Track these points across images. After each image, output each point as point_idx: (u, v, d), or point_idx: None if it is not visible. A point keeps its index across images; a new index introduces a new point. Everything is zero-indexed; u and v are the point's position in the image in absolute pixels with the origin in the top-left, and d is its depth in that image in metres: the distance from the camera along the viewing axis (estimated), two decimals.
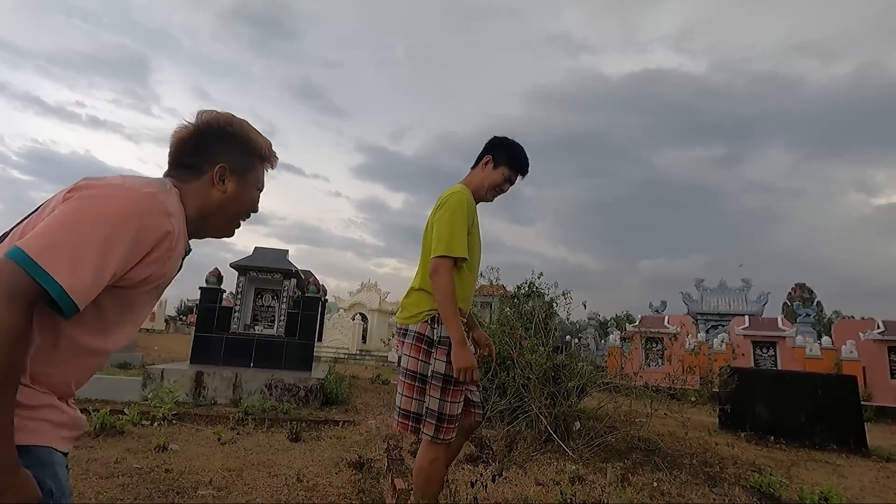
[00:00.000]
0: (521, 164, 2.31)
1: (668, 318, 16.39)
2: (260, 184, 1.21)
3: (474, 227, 2.24)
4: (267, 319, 8.82)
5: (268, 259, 8.90)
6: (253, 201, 1.20)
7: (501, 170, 2.27)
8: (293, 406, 6.37)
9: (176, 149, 1.12)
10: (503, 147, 2.30)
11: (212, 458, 3.95)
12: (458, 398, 2.09)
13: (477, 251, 2.28)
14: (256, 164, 1.19)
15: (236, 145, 1.15)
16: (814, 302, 41.25)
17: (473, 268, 2.28)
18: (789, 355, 14.04)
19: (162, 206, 0.96)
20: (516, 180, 2.33)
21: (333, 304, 24.62)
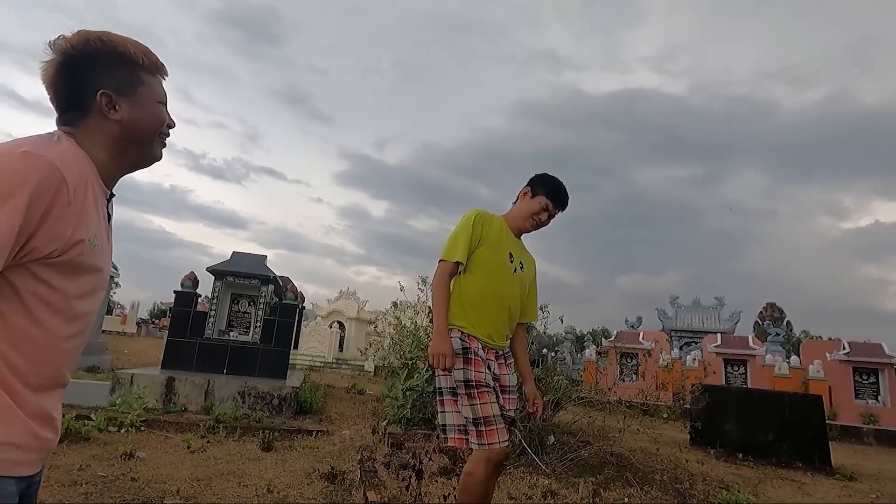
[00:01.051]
0: (559, 194, 2.43)
1: (643, 333, 16.61)
2: (158, 96, 1.09)
3: (495, 247, 2.33)
4: (242, 325, 8.70)
5: (245, 264, 8.80)
6: (159, 117, 1.08)
7: (539, 199, 2.40)
8: (266, 415, 6.28)
9: (50, 93, 1.02)
10: (542, 180, 2.45)
11: (180, 466, 3.86)
12: (486, 399, 2.13)
13: (500, 274, 2.31)
14: (143, 77, 1.06)
15: (109, 64, 1.02)
16: (783, 321, 42.30)
17: (495, 295, 2.30)
18: (759, 373, 14.34)
19: (40, 161, 0.85)
20: (554, 211, 2.43)
21: (311, 311, 24.35)
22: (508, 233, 2.42)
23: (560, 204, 2.43)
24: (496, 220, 2.42)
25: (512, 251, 2.38)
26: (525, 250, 2.52)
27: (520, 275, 2.37)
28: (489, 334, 2.26)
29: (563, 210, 2.46)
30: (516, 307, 2.36)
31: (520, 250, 2.46)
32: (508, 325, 2.35)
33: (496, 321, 2.28)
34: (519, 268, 2.38)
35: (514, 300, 2.34)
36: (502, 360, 2.34)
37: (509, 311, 2.32)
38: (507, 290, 2.32)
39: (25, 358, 0.90)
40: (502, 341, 2.34)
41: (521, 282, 2.38)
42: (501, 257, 2.32)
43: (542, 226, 2.43)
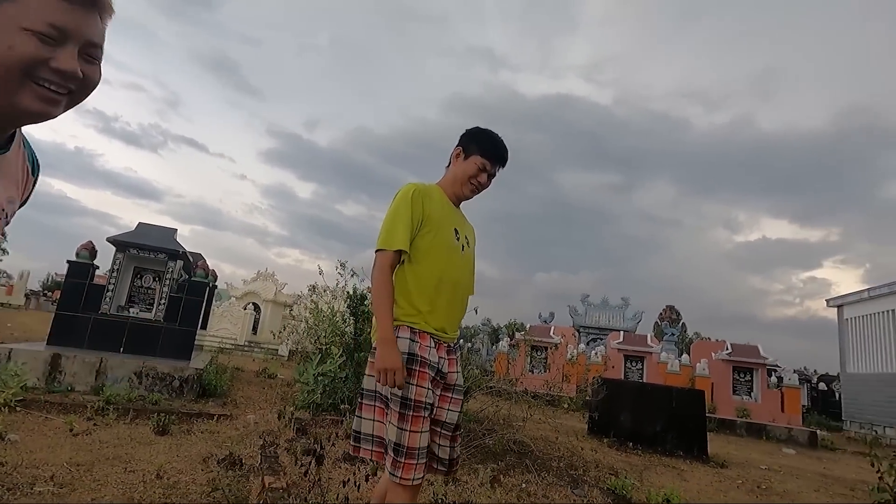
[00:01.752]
0: (496, 149, 2.06)
1: (553, 328, 17.42)
2: (25, 19, 0.73)
3: (439, 226, 1.98)
4: (145, 302, 8.15)
5: (153, 237, 8.22)
6: (16, 50, 0.73)
7: (473, 159, 2.03)
8: (165, 397, 5.94)
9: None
10: (474, 136, 2.08)
11: (58, 450, 3.57)
12: (418, 426, 1.77)
13: (451, 257, 1.98)
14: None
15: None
16: (679, 323, 46.00)
17: (449, 282, 1.96)
18: (654, 369, 15.52)
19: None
20: (493, 170, 2.07)
21: (225, 291, 23.24)
22: (449, 204, 2.07)
23: (499, 160, 2.07)
24: (435, 191, 2.05)
25: (456, 226, 2.04)
26: (466, 221, 2.16)
27: (468, 252, 2.06)
28: (443, 327, 1.95)
29: (504, 166, 2.10)
30: (469, 291, 2.07)
31: (462, 222, 2.11)
32: (462, 313, 2.05)
33: (450, 312, 1.97)
34: (466, 244, 2.05)
35: (468, 284, 2.06)
36: (453, 355, 2.01)
37: (464, 296, 2.04)
38: (460, 274, 2.00)
39: None
40: (454, 333, 2.03)
41: (469, 258, 2.08)
42: (448, 237, 1.98)
43: (482, 188, 2.08)
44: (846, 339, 15.96)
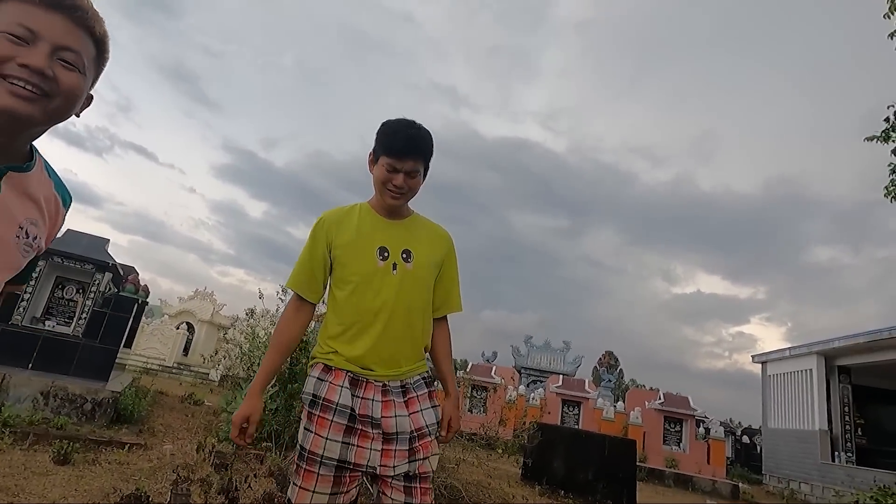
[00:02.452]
0: (394, 142, 1.70)
1: (495, 368, 17.44)
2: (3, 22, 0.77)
3: (354, 251, 1.72)
4: (64, 315, 7.60)
5: (81, 246, 7.74)
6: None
7: (381, 161, 1.72)
8: (73, 421, 5.47)
9: None
10: (378, 135, 1.75)
11: None
12: (309, 483, 1.54)
13: (371, 282, 1.68)
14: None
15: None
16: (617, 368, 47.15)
17: (367, 311, 1.67)
18: (590, 415, 15.73)
19: None
20: (403, 167, 1.69)
21: (158, 307, 22.01)
22: (376, 220, 1.78)
23: (403, 152, 1.69)
24: (351, 212, 1.80)
25: (385, 243, 1.73)
26: (415, 230, 1.82)
27: (404, 269, 1.71)
28: (367, 364, 1.63)
29: (417, 157, 1.71)
30: (410, 314, 1.70)
31: (402, 235, 1.77)
32: (403, 342, 1.68)
33: (377, 343, 1.65)
34: (402, 260, 1.72)
35: (402, 306, 1.68)
36: (395, 396, 1.64)
37: (399, 324, 1.68)
38: (385, 297, 1.67)
39: None
40: (394, 368, 1.66)
41: (413, 276, 1.71)
42: (365, 260, 1.70)
43: (405, 191, 1.72)
44: (768, 394, 16.80)
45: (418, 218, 1.88)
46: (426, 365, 1.77)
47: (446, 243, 1.88)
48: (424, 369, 1.75)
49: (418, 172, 1.73)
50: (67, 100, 0.84)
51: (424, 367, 1.75)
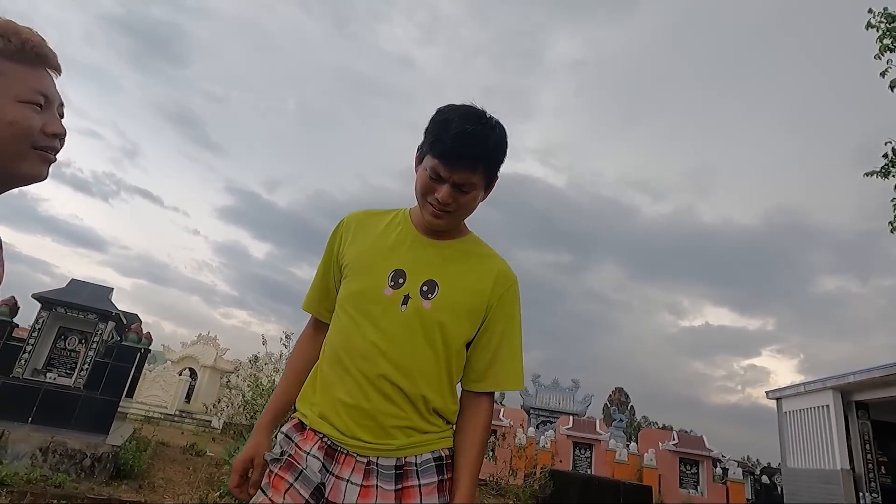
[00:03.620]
0: (445, 139, 1.17)
1: (503, 410, 17.08)
2: (22, 92, 0.77)
3: (360, 269, 1.28)
4: (66, 366, 7.51)
5: (84, 295, 7.72)
6: (16, 121, 0.77)
7: (426, 162, 1.23)
8: (71, 478, 5.32)
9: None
10: (430, 125, 1.23)
11: None
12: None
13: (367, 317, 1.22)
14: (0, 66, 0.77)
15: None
16: (628, 406, 46.13)
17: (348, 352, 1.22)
18: (602, 458, 15.28)
19: None
20: (455, 176, 1.18)
21: (161, 353, 21.83)
22: (408, 233, 1.31)
23: (454, 157, 1.17)
24: (383, 217, 1.38)
25: (404, 266, 1.25)
26: (458, 257, 1.30)
27: (418, 307, 1.21)
28: (340, 426, 1.17)
29: (474, 165, 1.19)
30: (412, 370, 1.19)
31: (433, 261, 1.27)
32: (401, 406, 1.18)
33: (360, 404, 1.17)
34: (420, 294, 1.22)
35: (403, 356, 1.19)
36: (383, 481, 1.14)
37: (395, 380, 1.17)
38: (379, 338, 1.20)
39: None
40: (383, 440, 1.16)
41: (428, 318, 1.20)
42: (369, 281, 1.25)
43: (451, 208, 1.22)
44: (786, 432, 16.32)
45: (473, 243, 1.35)
46: (447, 440, 1.24)
47: (502, 284, 1.29)
48: (441, 446, 1.21)
49: (474, 187, 1.21)
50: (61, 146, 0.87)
51: (441, 444, 1.22)
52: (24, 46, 0.79)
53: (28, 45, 0.80)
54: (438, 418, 1.23)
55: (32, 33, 0.81)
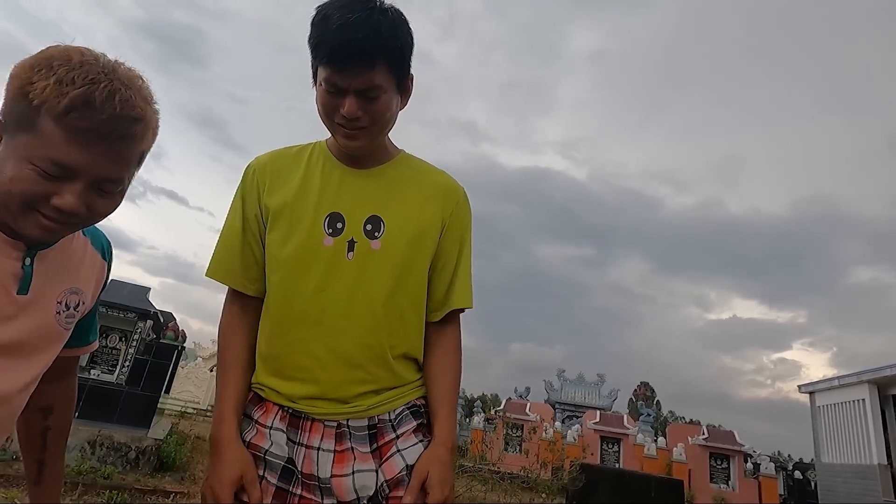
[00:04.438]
0: (327, 39, 0.99)
1: (530, 405, 17.11)
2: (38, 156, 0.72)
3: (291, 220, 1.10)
4: (108, 363, 7.81)
5: (123, 295, 8.01)
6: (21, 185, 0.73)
7: (318, 77, 1.06)
8: (118, 470, 5.55)
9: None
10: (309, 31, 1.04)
11: None
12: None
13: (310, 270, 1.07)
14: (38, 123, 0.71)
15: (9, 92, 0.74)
16: (654, 401, 45.73)
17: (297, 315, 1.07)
18: (631, 452, 15.19)
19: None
20: (354, 82, 1.00)
21: (192, 350, 22.40)
22: (333, 169, 1.14)
23: (345, 57, 0.98)
24: (299, 157, 1.18)
25: (339, 208, 1.09)
26: (396, 183, 1.15)
27: (367, 250, 1.07)
28: (302, 393, 1.05)
29: (371, 60, 0.99)
30: (376, 320, 1.06)
31: (370, 194, 1.12)
32: (367, 363, 1.05)
33: (321, 365, 1.05)
34: (365, 235, 1.08)
35: (361, 308, 1.06)
36: (358, 443, 1.04)
37: (357, 336, 1.05)
38: (332, 295, 1.06)
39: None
40: (353, 403, 1.05)
41: (381, 260, 1.07)
42: (302, 234, 1.08)
43: (364, 123, 1.04)
44: (819, 427, 15.97)
45: (407, 163, 1.19)
46: (419, 389, 1.13)
47: (450, 200, 1.16)
48: (414, 396, 1.11)
49: (381, 89, 1.02)
50: (100, 220, 0.85)
51: (415, 394, 1.11)
52: (66, 113, 0.71)
53: (70, 114, 0.71)
54: (409, 366, 1.12)
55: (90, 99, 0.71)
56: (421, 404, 1.12)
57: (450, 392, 1.10)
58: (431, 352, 1.14)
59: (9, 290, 0.84)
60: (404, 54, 1.05)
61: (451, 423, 1.05)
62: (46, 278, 0.88)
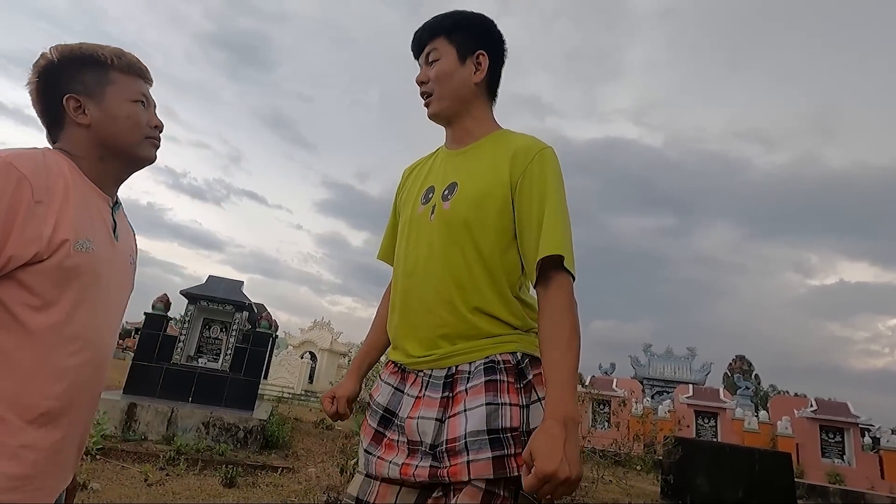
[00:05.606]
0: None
1: (616, 381, 16.65)
2: (132, 94, 1.05)
3: (405, 206, 1.35)
4: (212, 352, 8.46)
5: (221, 289, 8.62)
6: (132, 116, 1.04)
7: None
8: (230, 448, 6.04)
9: (37, 112, 1.03)
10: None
11: (136, 500, 3.67)
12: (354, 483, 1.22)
13: (409, 239, 1.27)
14: (112, 76, 1.03)
15: (76, 68, 1.00)
16: (752, 374, 42.93)
17: (401, 276, 1.26)
18: (729, 427, 14.41)
19: (2, 164, 0.83)
20: (418, 55, 1.33)
21: (283, 339, 23.85)
22: (439, 157, 1.35)
23: (413, 43, 1.33)
24: (427, 159, 1.43)
25: (434, 181, 1.29)
26: (480, 154, 1.26)
27: (441, 211, 1.21)
28: (404, 348, 1.21)
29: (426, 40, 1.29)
30: (446, 273, 1.17)
31: (457, 166, 1.27)
32: (440, 314, 1.15)
33: (407, 317, 1.21)
34: (442, 199, 1.22)
35: (436, 263, 1.18)
36: (431, 390, 1.14)
37: (433, 289, 1.18)
38: (417, 253, 1.23)
39: (16, 383, 0.84)
40: (431, 350, 1.15)
41: (449, 218, 1.19)
42: (408, 207, 1.31)
43: (427, 90, 1.29)
44: None
45: (501, 136, 1.29)
46: (507, 345, 1.13)
47: (522, 159, 1.19)
48: (497, 351, 1.12)
49: (440, 53, 1.27)
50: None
51: (497, 349, 1.13)
52: (127, 62, 1.06)
53: (130, 62, 1.06)
54: (493, 322, 1.14)
55: (131, 54, 1.08)
56: (503, 360, 1.11)
57: (557, 363, 1.03)
58: (540, 321, 1.11)
59: (110, 235, 1.01)
60: (460, 27, 1.27)
61: (560, 395, 0.99)
62: (122, 230, 1.08)
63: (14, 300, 0.84)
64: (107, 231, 0.99)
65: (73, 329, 0.90)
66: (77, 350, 0.91)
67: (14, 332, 0.84)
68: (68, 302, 0.89)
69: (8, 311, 0.83)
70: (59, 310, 0.88)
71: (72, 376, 0.91)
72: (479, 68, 1.27)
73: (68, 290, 0.88)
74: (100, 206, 0.99)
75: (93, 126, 1.00)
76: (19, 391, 0.84)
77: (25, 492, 0.84)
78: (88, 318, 0.93)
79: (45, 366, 0.87)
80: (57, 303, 0.87)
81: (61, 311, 0.88)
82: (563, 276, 1.10)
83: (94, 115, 1.00)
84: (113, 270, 1.00)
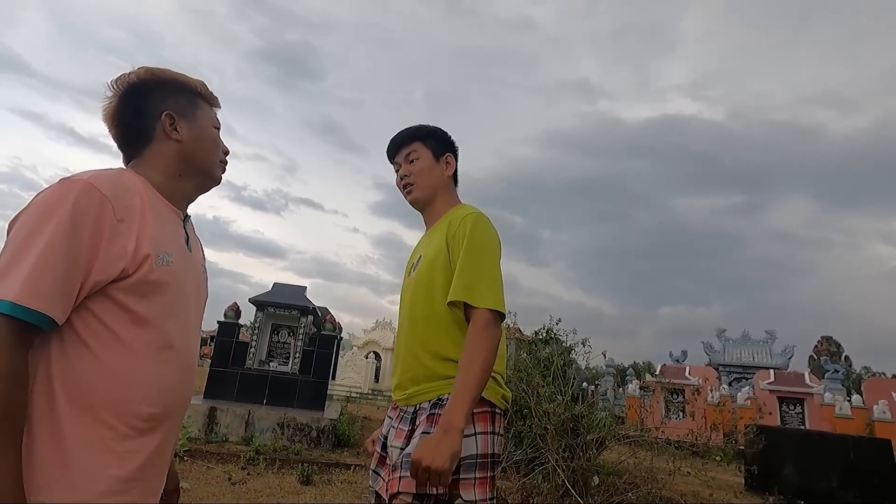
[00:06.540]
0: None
1: (689, 368, 15.92)
2: (214, 120, 1.17)
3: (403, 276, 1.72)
4: (282, 356, 8.81)
5: (286, 295, 8.96)
6: (216, 140, 1.16)
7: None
8: (305, 447, 6.27)
9: (112, 128, 1.06)
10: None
11: (222, 498, 3.88)
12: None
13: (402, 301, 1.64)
14: (200, 102, 1.14)
15: (170, 90, 1.09)
16: (842, 356, 39.89)
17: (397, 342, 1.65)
18: (818, 413, 13.45)
19: (75, 183, 0.86)
20: (395, 157, 1.73)
21: (347, 341, 24.50)
22: (427, 232, 1.70)
23: (390, 150, 1.72)
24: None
25: (415, 256, 1.67)
26: (439, 229, 1.58)
27: (412, 279, 1.58)
28: (395, 389, 1.54)
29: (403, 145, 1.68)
30: (414, 328, 1.50)
31: (425, 242, 1.66)
32: (410, 362, 1.48)
33: (397, 365, 1.56)
34: (414, 270, 1.59)
35: (407, 322, 1.53)
36: (403, 423, 1.44)
37: (405, 342, 1.52)
38: (401, 315, 1.61)
39: (119, 394, 0.88)
40: (403, 391, 1.48)
41: (415, 283, 1.54)
42: (404, 278, 1.69)
43: (408, 181, 1.65)
44: None
45: (451, 212, 1.60)
46: (448, 387, 1.37)
47: (454, 224, 1.50)
48: (442, 392, 1.38)
49: (417, 153, 1.65)
50: None
51: (441, 390, 1.39)
52: (209, 93, 1.17)
53: (211, 93, 1.18)
54: (449, 364, 1.41)
55: (206, 85, 1.19)
56: (447, 398, 1.32)
57: (458, 383, 1.28)
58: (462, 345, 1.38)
59: (184, 247, 1.05)
60: (431, 136, 1.68)
61: (451, 407, 1.24)
62: (193, 241, 1.14)
63: (110, 316, 0.88)
64: (181, 244, 1.04)
65: (165, 339, 0.95)
66: (170, 358, 0.96)
67: (114, 346, 0.88)
68: (158, 314, 0.94)
69: (106, 327, 0.88)
70: (151, 322, 0.93)
71: (167, 383, 0.96)
72: (449, 166, 1.68)
73: (156, 303, 0.93)
74: (173, 221, 1.04)
75: (183, 144, 1.08)
76: (123, 401, 0.89)
77: (134, 493, 0.89)
78: (176, 328, 0.98)
79: (143, 376, 0.91)
80: (148, 315, 0.92)
81: (153, 322, 0.93)
82: (478, 313, 1.35)
83: (186, 133, 1.08)
84: (191, 280, 1.05)
